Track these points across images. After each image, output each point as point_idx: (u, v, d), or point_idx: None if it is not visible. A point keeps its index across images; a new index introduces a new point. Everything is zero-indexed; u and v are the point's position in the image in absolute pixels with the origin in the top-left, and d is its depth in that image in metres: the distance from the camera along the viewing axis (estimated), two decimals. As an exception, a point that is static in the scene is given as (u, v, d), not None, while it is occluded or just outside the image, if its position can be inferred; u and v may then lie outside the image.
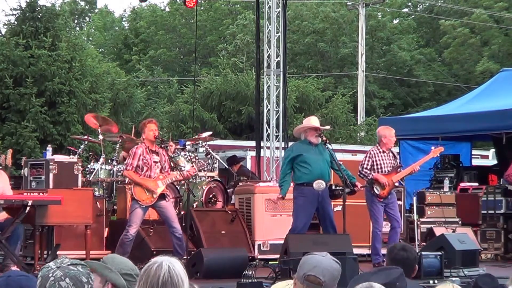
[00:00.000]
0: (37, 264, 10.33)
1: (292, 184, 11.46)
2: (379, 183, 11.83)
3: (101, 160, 13.09)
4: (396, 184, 12.22)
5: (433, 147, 12.71)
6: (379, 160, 11.99)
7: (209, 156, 13.84)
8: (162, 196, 11.11)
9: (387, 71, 39.51)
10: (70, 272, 3.61)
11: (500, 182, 15.40)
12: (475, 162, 19.24)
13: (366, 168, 11.89)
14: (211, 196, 13.20)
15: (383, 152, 12.07)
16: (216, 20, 42.53)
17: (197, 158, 13.53)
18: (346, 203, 11.17)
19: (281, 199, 11.51)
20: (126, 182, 12.68)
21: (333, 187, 11.39)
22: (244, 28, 37.81)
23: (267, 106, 17.66)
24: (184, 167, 13.04)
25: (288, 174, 11.36)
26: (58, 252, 10.84)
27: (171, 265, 3.55)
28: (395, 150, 13.21)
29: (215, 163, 14.03)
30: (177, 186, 12.82)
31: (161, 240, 11.95)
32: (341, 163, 11.59)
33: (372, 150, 12.12)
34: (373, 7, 35.79)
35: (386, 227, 12.33)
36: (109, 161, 13.25)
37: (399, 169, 12.12)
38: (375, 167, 11.94)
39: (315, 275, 4.14)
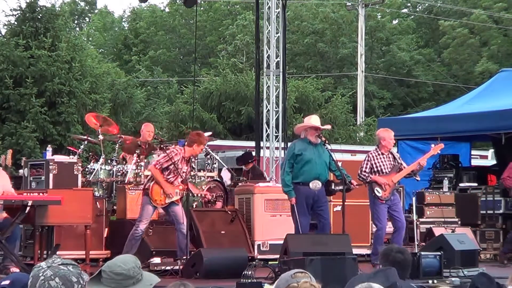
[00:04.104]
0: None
1: None
2: (379, 185, 11.85)
3: (101, 160, 13.10)
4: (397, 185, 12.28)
5: (433, 145, 12.72)
6: (379, 162, 11.99)
7: (208, 156, 13.86)
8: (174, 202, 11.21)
9: (386, 72, 39.54)
10: (60, 272, 3.62)
11: (499, 182, 15.41)
12: (474, 162, 19.26)
13: (365, 171, 11.89)
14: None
15: (382, 154, 12.07)
16: (216, 20, 42.56)
17: (196, 158, 13.56)
18: (345, 203, 11.19)
19: (295, 201, 11.38)
20: (126, 182, 12.71)
21: (330, 184, 11.38)
22: (243, 28, 37.84)
23: (266, 106, 17.69)
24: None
25: (289, 174, 11.30)
26: (58, 252, 10.84)
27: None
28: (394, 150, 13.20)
29: (215, 163, 14.04)
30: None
31: (161, 240, 11.96)
32: (340, 163, 11.60)
33: (371, 153, 12.11)
34: (373, 7, 35.81)
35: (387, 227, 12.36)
36: (109, 161, 13.27)
37: (399, 170, 12.13)
38: (375, 169, 11.95)
39: None
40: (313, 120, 11.57)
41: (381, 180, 11.79)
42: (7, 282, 4.56)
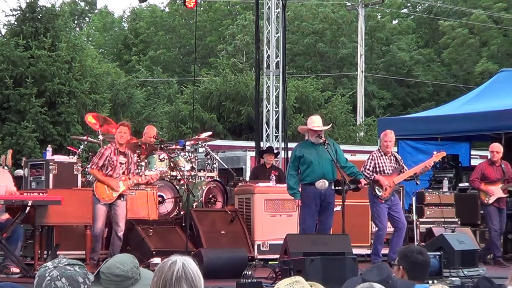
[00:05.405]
0: (37, 264, 10.36)
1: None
2: (380, 185, 11.89)
3: (101, 160, 13.09)
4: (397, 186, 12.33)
5: (435, 152, 12.75)
6: (381, 162, 12.09)
7: (208, 156, 13.86)
8: (120, 196, 11.40)
9: (386, 72, 39.53)
10: (67, 272, 3.61)
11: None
12: (474, 162, 19.24)
13: (368, 170, 11.99)
14: (210, 196, 13.22)
15: (385, 155, 12.17)
16: (216, 20, 42.56)
17: (196, 158, 13.57)
18: (346, 203, 11.20)
19: (300, 203, 11.41)
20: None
21: (338, 183, 11.37)
22: (243, 28, 37.84)
23: (266, 106, 17.72)
24: (184, 167, 13.08)
25: (294, 176, 11.34)
26: (58, 252, 10.86)
27: (186, 262, 3.57)
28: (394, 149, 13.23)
29: (215, 163, 14.05)
30: (176, 186, 12.86)
31: (161, 240, 11.98)
32: (346, 159, 11.59)
33: (374, 153, 12.27)
34: (372, 7, 35.81)
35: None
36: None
37: (400, 172, 12.18)
38: (377, 169, 12.03)
39: None
40: (314, 121, 11.56)
41: (384, 181, 11.86)
42: None
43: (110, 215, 11.55)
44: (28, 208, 10.26)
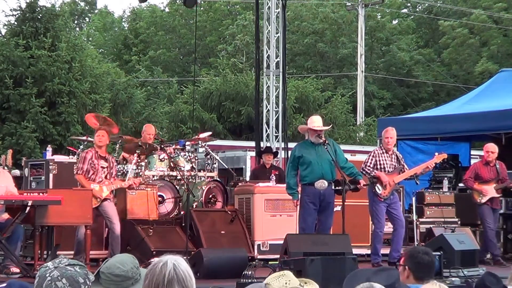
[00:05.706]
0: (37, 264, 10.36)
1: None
2: (381, 182, 11.90)
3: (101, 160, 13.09)
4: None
5: (436, 153, 12.77)
6: (382, 160, 12.10)
7: (208, 156, 13.85)
8: (104, 199, 11.42)
9: (386, 72, 39.54)
10: (67, 273, 3.61)
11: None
12: (474, 162, 19.24)
13: (369, 166, 12.01)
14: (210, 196, 13.22)
15: (386, 152, 12.17)
16: (216, 20, 42.56)
17: (196, 158, 13.56)
18: (346, 203, 11.21)
19: (298, 203, 11.46)
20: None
21: (338, 183, 11.38)
22: (243, 28, 37.84)
23: (266, 106, 17.72)
24: (184, 167, 13.07)
25: (294, 176, 11.36)
26: (58, 252, 10.86)
27: (176, 262, 3.55)
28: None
29: (215, 163, 14.04)
30: (176, 186, 12.85)
31: (161, 240, 11.97)
32: (346, 159, 11.59)
33: (376, 150, 12.28)
34: (372, 7, 35.81)
35: (386, 227, 12.37)
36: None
37: (401, 171, 12.18)
38: (378, 166, 12.04)
39: None
40: (314, 121, 11.57)
41: (385, 178, 11.86)
42: (3, 285, 4.57)
43: (103, 217, 11.55)
44: (28, 208, 10.26)
